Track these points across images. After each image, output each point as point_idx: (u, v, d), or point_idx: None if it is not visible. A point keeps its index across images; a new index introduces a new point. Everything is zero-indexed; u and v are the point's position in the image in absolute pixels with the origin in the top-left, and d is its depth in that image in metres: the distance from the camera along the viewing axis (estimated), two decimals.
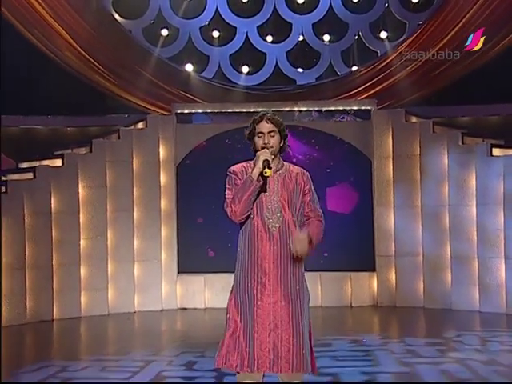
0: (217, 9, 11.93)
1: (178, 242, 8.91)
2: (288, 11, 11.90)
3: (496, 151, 8.27)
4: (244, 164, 3.96)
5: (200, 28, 11.94)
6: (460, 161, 8.37)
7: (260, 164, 3.73)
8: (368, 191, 8.86)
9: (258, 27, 11.94)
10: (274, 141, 3.85)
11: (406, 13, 11.72)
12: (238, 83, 11.56)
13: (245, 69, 11.92)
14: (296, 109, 8.92)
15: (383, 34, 11.73)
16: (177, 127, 9.02)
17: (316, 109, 9.02)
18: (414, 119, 8.88)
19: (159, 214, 8.86)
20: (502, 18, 10.41)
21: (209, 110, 9.24)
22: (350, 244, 8.84)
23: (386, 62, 11.20)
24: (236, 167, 3.94)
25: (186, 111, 9.15)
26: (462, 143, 8.47)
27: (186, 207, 8.98)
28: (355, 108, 8.98)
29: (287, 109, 8.94)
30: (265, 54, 11.91)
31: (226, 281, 8.75)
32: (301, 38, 11.93)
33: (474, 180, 8.27)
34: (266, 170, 3.71)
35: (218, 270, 8.72)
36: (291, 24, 11.90)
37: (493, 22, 10.44)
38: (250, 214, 3.84)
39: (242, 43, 11.91)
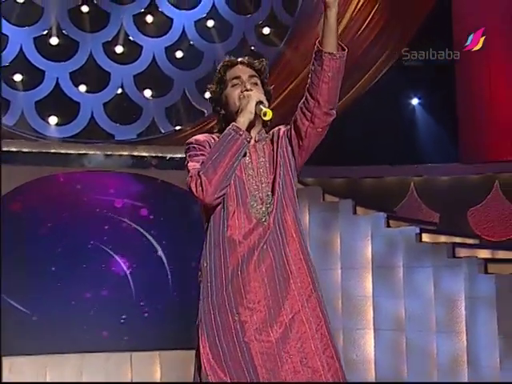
0: (21, 48, 10.28)
1: None
2: (106, 59, 10.57)
3: (360, 210, 7.55)
4: (208, 135, 2.63)
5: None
6: (322, 220, 7.49)
7: (252, 105, 2.42)
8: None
9: (70, 74, 10.44)
10: (258, 92, 2.59)
11: None
12: (47, 134, 9.88)
13: (53, 119, 10.27)
14: (136, 153, 7.52)
15: (208, 95, 10.84)
16: None
17: (159, 155, 7.68)
18: None
19: None
20: (346, 71, 10.10)
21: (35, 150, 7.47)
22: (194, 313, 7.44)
23: (215, 122, 10.32)
24: (199, 136, 2.60)
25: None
26: (323, 200, 7.64)
27: None
28: None
29: (125, 153, 7.51)
30: (78, 104, 10.39)
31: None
32: (120, 90, 10.64)
33: (337, 241, 7.40)
34: (265, 109, 2.41)
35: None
36: (109, 74, 10.59)
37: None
38: (224, 200, 2.47)
39: (50, 90, 10.30)
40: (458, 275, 6.77)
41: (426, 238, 7.21)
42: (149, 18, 10.92)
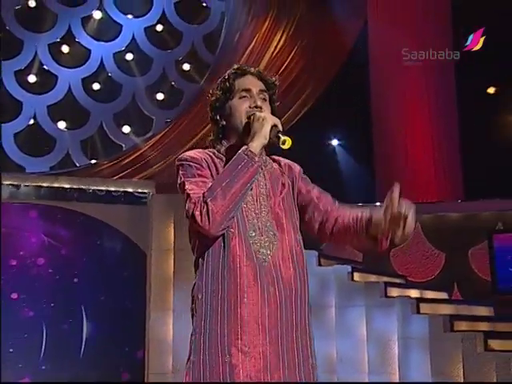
0: None
1: None
2: (18, 88, 10.08)
3: None
4: (202, 151, 2.35)
5: None
6: None
7: (267, 130, 2.17)
8: (141, 292, 7.19)
9: None
10: (266, 109, 2.35)
11: (152, 108, 10.72)
12: None
13: None
14: (56, 185, 7.06)
15: (126, 129, 10.53)
16: None
17: (82, 187, 7.23)
18: None
19: None
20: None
21: None
22: (112, 362, 6.99)
23: (133, 157, 9.99)
24: (193, 153, 2.30)
25: None
26: None
27: None
28: (130, 190, 7.41)
29: (45, 184, 7.04)
30: None
31: None
32: (32, 121, 10.12)
33: None
34: (285, 137, 2.16)
35: None
36: (21, 103, 10.07)
37: None
38: (227, 231, 2.19)
39: None
40: (391, 315, 6.68)
41: (356, 277, 7.11)
42: (65, 48, 10.54)
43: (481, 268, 8.75)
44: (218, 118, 2.38)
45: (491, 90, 11.00)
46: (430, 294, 7.45)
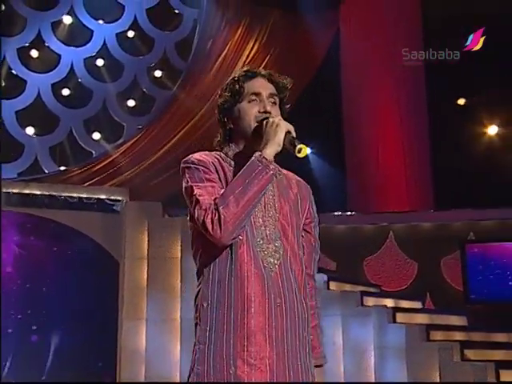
0: None
1: None
2: None
3: None
4: (209, 153, 2.26)
5: None
6: None
7: (281, 137, 2.09)
8: (113, 301, 7.05)
9: None
10: (276, 113, 2.27)
11: (123, 115, 10.57)
12: None
13: None
14: (27, 191, 6.89)
15: (96, 136, 10.36)
16: None
17: (54, 194, 7.07)
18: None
19: None
20: None
21: None
22: (82, 371, 6.83)
23: (104, 163, 9.83)
24: (200, 155, 2.20)
25: None
26: None
27: None
28: (103, 197, 7.27)
29: (15, 190, 6.86)
30: None
31: None
32: None
33: None
34: (301, 145, 2.09)
35: None
36: None
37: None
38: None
39: None
40: (367, 324, 6.65)
41: (332, 286, 7.08)
42: (34, 53, 10.34)
43: (453, 277, 8.80)
44: (226, 120, 2.30)
45: (461, 102, 11.10)
46: (404, 304, 7.45)
